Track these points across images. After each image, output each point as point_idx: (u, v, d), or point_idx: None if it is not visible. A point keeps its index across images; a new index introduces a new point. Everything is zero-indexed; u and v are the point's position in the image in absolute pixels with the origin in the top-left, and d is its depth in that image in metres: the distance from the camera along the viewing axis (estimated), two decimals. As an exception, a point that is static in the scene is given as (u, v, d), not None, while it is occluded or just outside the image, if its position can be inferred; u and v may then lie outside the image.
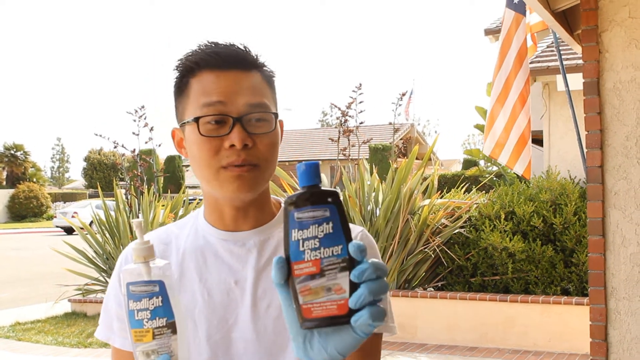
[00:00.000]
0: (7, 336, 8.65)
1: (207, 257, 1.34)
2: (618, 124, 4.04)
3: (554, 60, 9.08)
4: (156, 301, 1.08)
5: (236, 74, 1.28)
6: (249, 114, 1.26)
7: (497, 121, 6.04)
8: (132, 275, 1.09)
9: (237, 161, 1.24)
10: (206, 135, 1.25)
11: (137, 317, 1.08)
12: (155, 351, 1.09)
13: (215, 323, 1.29)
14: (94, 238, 9.98)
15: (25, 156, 50.68)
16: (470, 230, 7.96)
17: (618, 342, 4.05)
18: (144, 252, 1.09)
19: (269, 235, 1.35)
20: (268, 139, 1.27)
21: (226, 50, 1.29)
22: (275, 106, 1.34)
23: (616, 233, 4.06)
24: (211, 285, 1.32)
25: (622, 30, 4.02)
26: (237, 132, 1.24)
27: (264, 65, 1.33)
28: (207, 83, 1.27)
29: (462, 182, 9.86)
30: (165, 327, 1.09)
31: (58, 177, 77.41)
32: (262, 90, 1.30)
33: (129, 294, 1.08)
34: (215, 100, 1.26)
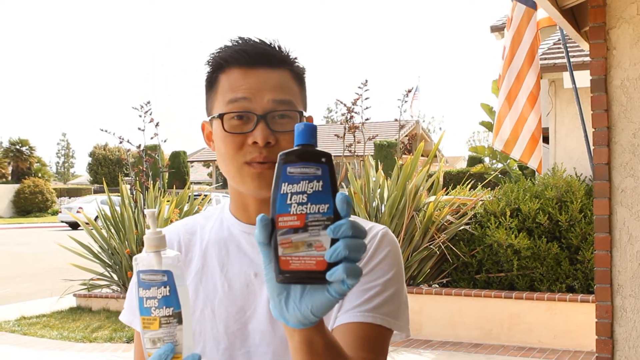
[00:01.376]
0: (12, 330, 8.67)
1: (229, 248, 1.36)
2: (625, 121, 4.03)
3: (561, 57, 9.05)
4: (164, 290, 1.10)
5: (263, 71, 1.29)
6: (273, 112, 1.26)
7: (509, 116, 6.01)
8: (143, 263, 1.11)
9: (259, 158, 1.25)
10: (230, 131, 1.27)
11: (146, 305, 1.10)
12: (161, 339, 1.10)
13: (233, 314, 1.30)
14: (99, 233, 9.99)
15: (30, 151, 50.79)
16: (475, 227, 7.95)
17: (624, 339, 4.05)
18: (156, 241, 1.11)
19: None
20: (291, 137, 1.26)
21: (254, 48, 1.30)
22: (303, 104, 1.35)
23: (622, 230, 4.05)
24: (232, 276, 1.33)
25: (630, 28, 4.01)
26: (260, 129, 1.25)
27: (294, 62, 1.34)
28: (234, 80, 1.29)
29: (467, 179, 9.85)
30: (172, 317, 1.10)
31: (63, 173, 77.56)
32: (289, 88, 1.31)
33: (140, 281, 1.10)
34: (240, 97, 1.27)
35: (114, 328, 8.52)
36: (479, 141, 62.35)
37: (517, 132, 5.97)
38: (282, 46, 1.33)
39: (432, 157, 8.46)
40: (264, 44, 1.31)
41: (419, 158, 8.47)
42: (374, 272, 1.31)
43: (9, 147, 50.28)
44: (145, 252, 1.11)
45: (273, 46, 1.31)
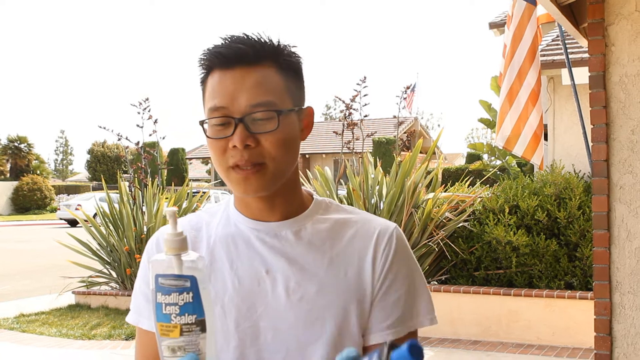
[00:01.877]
0: (11, 328, 8.67)
1: (238, 244, 1.35)
2: (624, 118, 4.03)
3: (559, 54, 9.05)
4: (186, 297, 1.04)
5: (240, 72, 1.28)
6: (250, 114, 1.26)
7: (510, 113, 6.00)
8: (162, 267, 1.05)
9: (241, 161, 1.25)
10: (212, 137, 1.28)
11: (165, 311, 1.04)
12: (182, 348, 1.04)
13: (244, 311, 1.29)
14: (97, 230, 9.99)
15: (29, 148, 50.75)
16: (474, 224, 7.95)
17: (622, 336, 4.05)
18: (177, 244, 1.05)
19: (301, 226, 1.36)
20: (273, 137, 1.27)
21: (229, 48, 1.28)
22: (292, 98, 1.32)
23: (621, 227, 4.05)
24: (242, 273, 1.32)
25: (629, 24, 4.01)
26: (238, 132, 1.25)
27: (281, 53, 1.32)
28: (214, 84, 1.29)
29: (466, 176, 9.86)
30: (195, 325, 1.04)
31: (62, 170, 77.47)
32: (269, 85, 1.28)
33: (158, 286, 1.04)
34: (218, 105, 1.27)
35: (112, 325, 8.52)
36: (478, 138, 62.40)
37: (519, 129, 5.96)
38: (264, 39, 1.30)
39: (430, 154, 8.46)
40: (241, 41, 1.29)
41: (417, 155, 8.47)
42: (393, 285, 1.34)
43: (7, 144, 50.23)
44: (165, 254, 1.05)
45: (253, 41, 1.29)
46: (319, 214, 1.39)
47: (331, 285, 1.30)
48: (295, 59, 1.35)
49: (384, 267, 1.33)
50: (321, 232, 1.36)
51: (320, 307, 1.29)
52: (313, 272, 1.31)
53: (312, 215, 1.37)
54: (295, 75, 1.34)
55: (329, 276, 1.31)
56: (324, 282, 1.30)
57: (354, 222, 1.38)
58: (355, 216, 1.40)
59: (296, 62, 1.35)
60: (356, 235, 1.36)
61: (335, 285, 1.30)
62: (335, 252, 1.34)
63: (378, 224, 1.38)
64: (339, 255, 1.33)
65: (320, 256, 1.33)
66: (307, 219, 1.37)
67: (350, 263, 1.33)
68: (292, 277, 1.30)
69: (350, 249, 1.34)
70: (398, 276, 1.34)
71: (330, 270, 1.32)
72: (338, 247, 1.34)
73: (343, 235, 1.36)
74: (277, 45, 1.31)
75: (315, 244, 1.34)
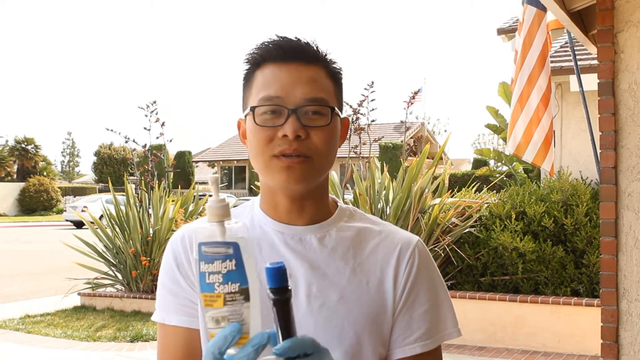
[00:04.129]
0: (16, 329, 8.68)
1: (262, 247, 1.34)
2: (633, 125, 4.02)
3: (568, 60, 9.04)
4: (229, 264, 1.02)
5: (297, 66, 1.30)
6: (304, 107, 1.27)
7: (520, 119, 5.99)
8: (205, 235, 1.03)
9: (289, 150, 1.25)
10: (261, 124, 1.28)
11: (208, 281, 1.02)
12: (226, 318, 1.02)
13: (265, 314, 1.25)
14: (103, 232, 10.01)
15: (35, 150, 50.86)
16: (480, 230, 7.94)
17: (629, 344, 4.04)
18: (220, 210, 1.03)
19: (326, 232, 1.36)
20: (323, 133, 1.28)
21: (288, 43, 1.31)
22: (338, 103, 1.35)
23: (629, 234, 4.04)
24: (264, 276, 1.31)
25: (638, 31, 4.00)
26: (290, 122, 1.25)
27: (330, 60, 1.35)
28: (268, 75, 1.30)
29: (472, 182, 9.84)
30: (238, 293, 1.02)
31: (68, 171, 77.65)
32: (323, 84, 1.31)
33: (201, 255, 1.02)
34: (273, 95, 1.28)
35: (118, 327, 8.53)
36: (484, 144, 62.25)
37: (530, 134, 5.94)
38: (317, 44, 1.34)
39: (437, 159, 8.45)
40: (298, 40, 1.32)
41: (424, 160, 8.46)
42: (417, 299, 1.35)
43: (15, 145, 50.35)
44: (208, 222, 1.03)
45: (307, 43, 1.33)
46: (343, 221, 1.39)
47: (352, 295, 1.30)
48: (338, 68, 1.38)
49: (407, 281, 1.34)
50: (345, 240, 1.35)
51: (340, 316, 1.28)
52: (335, 280, 1.31)
53: (337, 222, 1.38)
54: (339, 82, 1.38)
55: (351, 285, 1.31)
56: (345, 290, 1.30)
57: (377, 233, 1.38)
58: (378, 227, 1.40)
59: (339, 72, 1.38)
60: (379, 246, 1.36)
61: (356, 295, 1.30)
62: (357, 261, 1.34)
63: (401, 236, 1.39)
64: (361, 265, 1.33)
65: (343, 264, 1.33)
66: (332, 226, 1.37)
67: (372, 274, 1.33)
68: (314, 284, 1.30)
69: (372, 260, 1.34)
70: (422, 290, 1.35)
71: (352, 279, 1.32)
72: (361, 256, 1.34)
73: (366, 245, 1.36)
74: (324, 52, 1.35)
75: (339, 252, 1.34)
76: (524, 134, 5.96)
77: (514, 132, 6.02)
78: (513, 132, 6.03)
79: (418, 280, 1.35)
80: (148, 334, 8.13)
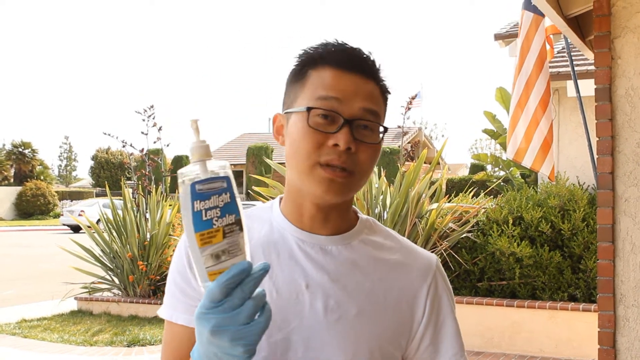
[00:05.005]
0: (13, 333, 8.67)
1: (280, 253, 1.31)
2: (629, 131, 4.03)
3: (565, 66, 9.07)
4: (225, 197, 1.05)
5: (356, 78, 1.26)
6: (360, 119, 1.24)
7: (519, 124, 5.99)
8: (196, 174, 1.05)
9: (336, 161, 1.22)
10: (314, 127, 1.23)
11: (206, 217, 1.03)
12: (227, 251, 1.04)
13: (278, 322, 1.25)
14: (101, 237, 10.00)
15: (32, 154, 50.85)
16: (477, 235, 7.95)
17: (626, 349, 4.04)
18: (205, 149, 1.06)
19: (347, 244, 1.33)
20: (370, 150, 1.26)
21: (353, 52, 1.28)
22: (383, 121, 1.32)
23: (626, 240, 4.04)
24: (281, 283, 1.28)
25: (635, 37, 4.01)
26: (344, 133, 1.22)
27: (382, 78, 1.32)
28: (327, 78, 1.26)
29: (469, 187, 9.85)
30: (234, 224, 1.05)
31: (65, 176, 77.54)
32: (378, 101, 1.28)
33: (195, 194, 1.03)
34: (332, 96, 1.24)
35: (114, 332, 8.52)
36: (482, 149, 62.31)
37: (529, 139, 5.94)
38: (375, 60, 1.30)
39: (434, 164, 8.45)
40: (359, 51, 1.29)
41: (421, 165, 8.47)
42: (443, 321, 1.36)
43: (12, 149, 50.34)
44: (192, 164, 1.06)
45: (368, 56, 1.29)
46: (364, 233, 1.36)
47: (370, 311, 1.28)
48: (389, 89, 1.34)
49: (429, 303, 1.34)
50: (366, 253, 1.33)
51: (356, 331, 1.26)
52: (354, 294, 1.28)
53: (359, 234, 1.35)
54: (386, 102, 1.34)
55: (369, 301, 1.29)
56: (363, 306, 1.28)
57: (397, 249, 1.37)
58: (398, 243, 1.39)
59: (389, 92, 1.34)
60: (399, 264, 1.35)
61: (374, 312, 1.29)
62: (377, 277, 1.32)
63: (422, 256, 1.39)
64: (381, 281, 1.32)
65: (363, 278, 1.30)
66: (354, 238, 1.34)
67: (391, 291, 1.32)
68: (333, 296, 1.27)
69: (392, 277, 1.33)
70: (445, 312, 1.36)
71: (371, 295, 1.30)
72: (380, 272, 1.32)
73: (386, 261, 1.34)
74: (379, 69, 1.31)
75: (359, 265, 1.31)
76: (524, 139, 5.97)
77: (514, 137, 6.03)
78: (512, 137, 6.04)
79: (441, 302, 1.35)
80: (145, 338, 8.11)
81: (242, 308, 1.02)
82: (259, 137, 44.44)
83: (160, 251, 9.66)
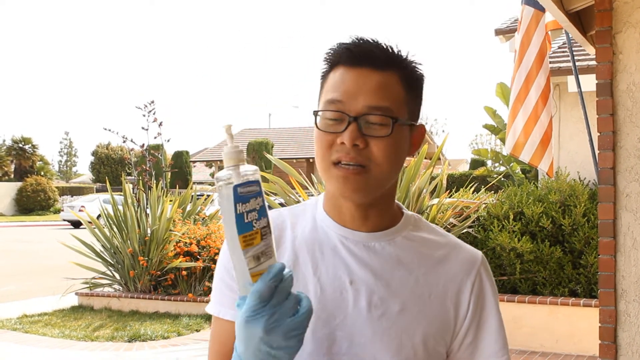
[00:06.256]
0: (14, 328, 8.68)
1: (324, 251, 1.32)
2: (631, 126, 4.03)
3: (566, 61, 9.05)
4: (260, 201, 1.08)
5: (365, 72, 1.26)
6: (365, 115, 1.24)
7: (517, 119, 5.98)
8: (236, 178, 1.07)
9: (345, 158, 1.24)
10: (322, 129, 1.27)
11: (247, 220, 1.07)
12: (264, 253, 1.09)
13: (323, 318, 1.27)
14: (101, 232, 10.00)
15: (33, 149, 50.83)
16: (478, 230, 7.95)
17: (627, 344, 4.04)
18: (240, 154, 1.09)
19: (391, 240, 1.33)
20: (382, 143, 1.25)
21: (359, 47, 1.28)
22: (409, 110, 1.31)
23: (627, 235, 4.04)
24: (325, 280, 1.29)
25: (637, 32, 4.00)
26: (350, 130, 1.23)
27: (407, 65, 1.31)
28: (337, 79, 1.28)
29: (470, 182, 9.84)
30: (267, 227, 1.09)
31: (65, 171, 77.61)
32: (390, 92, 1.27)
33: (237, 197, 1.06)
34: (336, 99, 1.26)
35: (115, 327, 8.52)
36: (482, 144, 62.28)
37: (528, 133, 5.92)
38: (394, 47, 1.29)
39: (435, 159, 8.44)
40: (371, 43, 1.28)
41: (422, 160, 8.46)
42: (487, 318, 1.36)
43: (12, 145, 50.32)
44: (230, 168, 1.08)
45: (382, 46, 1.28)
46: (408, 229, 1.36)
47: (414, 307, 1.29)
48: (419, 73, 1.33)
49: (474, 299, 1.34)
50: (410, 249, 1.33)
51: (399, 328, 1.27)
52: (398, 290, 1.29)
53: (402, 230, 1.35)
54: (416, 89, 1.33)
55: (414, 297, 1.29)
56: (407, 302, 1.29)
57: (442, 245, 1.37)
58: (444, 238, 1.38)
59: (419, 77, 1.33)
60: (444, 260, 1.35)
61: (418, 308, 1.29)
62: (422, 272, 1.32)
63: (467, 252, 1.37)
64: (425, 277, 1.32)
65: (407, 274, 1.31)
66: (397, 234, 1.34)
67: (435, 287, 1.32)
68: (376, 292, 1.28)
69: (436, 273, 1.33)
70: (489, 308, 1.36)
71: (415, 291, 1.30)
72: (425, 268, 1.32)
73: (431, 256, 1.34)
74: (404, 56, 1.30)
75: (403, 261, 1.32)
76: (522, 134, 5.95)
77: (512, 132, 6.02)
78: (511, 132, 6.02)
79: (485, 299, 1.35)
80: (146, 334, 8.12)
81: (287, 302, 1.09)
82: (259, 133, 44.44)
83: (161, 246, 9.66)
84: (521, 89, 5.91)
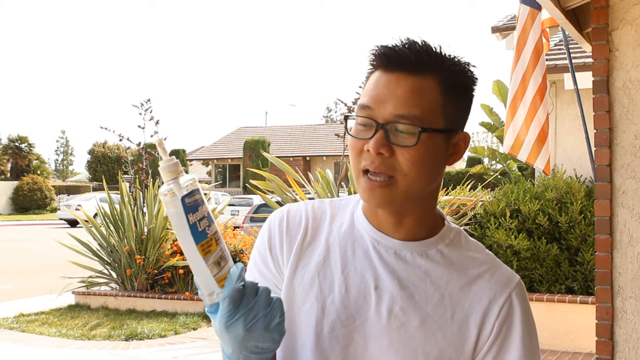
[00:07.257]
0: (11, 327, 8.66)
1: (356, 251, 1.30)
2: (627, 123, 4.03)
3: (562, 58, 9.05)
4: (205, 208, 1.09)
5: (400, 77, 1.21)
6: (392, 123, 1.20)
7: (516, 118, 5.97)
8: (179, 190, 1.07)
9: (371, 166, 1.20)
10: (353, 135, 1.24)
11: (201, 228, 1.07)
12: (222, 257, 1.10)
13: (343, 318, 1.25)
14: (98, 231, 9.99)
15: (29, 148, 50.75)
16: (475, 228, 7.95)
17: (624, 341, 4.04)
18: (176, 166, 1.09)
19: (423, 252, 1.29)
20: (409, 153, 1.19)
21: (393, 51, 1.22)
22: (446, 117, 1.24)
23: (623, 232, 4.05)
24: (351, 280, 1.27)
25: (633, 29, 4.01)
26: (376, 138, 1.19)
27: (449, 69, 1.24)
28: (372, 83, 1.24)
29: (467, 180, 9.86)
30: (217, 232, 1.10)
31: (62, 170, 77.43)
32: (422, 99, 1.20)
33: (186, 207, 1.06)
34: (366, 104, 1.22)
35: (112, 326, 8.52)
36: (479, 142, 62.36)
37: (526, 131, 5.92)
38: (436, 48, 1.23)
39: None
40: (408, 45, 1.22)
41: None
42: (509, 348, 1.26)
43: (8, 143, 50.23)
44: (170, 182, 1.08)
45: (418, 48, 1.22)
46: (444, 243, 1.31)
47: (434, 324, 1.24)
48: (464, 77, 1.26)
49: (499, 325, 1.25)
50: (441, 264, 1.28)
51: (416, 342, 1.23)
52: (421, 304, 1.25)
53: (437, 244, 1.30)
54: (458, 94, 1.26)
55: (435, 314, 1.24)
56: (428, 317, 1.24)
57: (479, 263, 1.30)
58: (481, 256, 1.32)
59: (464, 81, 1.27)
60: (477, 278, 1.28)
61: (438, 325, 1.24)
62: (448, 290, 1.26)
63: (503, 274, 1.30)
64: (451, 295, 1.26)
65: (432, 289, 1.26)
66: (431, 246, 1.30)
67: (460, 307, 1.26)
68: (399, 302, 1.24)
69: (464, 292, 1.27)
70: (513, 337, 1.25)
71: (438, 307, 1.25)
72: (453, 286, 1.27)
73: (462, 275, 1.28)
74: (445, 57, 1.24)
75: (432, 276, 1.27)
76: (520, 132, 5.94)
77: (510, 130, 6.01)
78: (510, 130, 6.02)
79: (512, 326, 1.26)
80: (143, 332, 8.12)
81: (258, 296, 1.11)
82: (255, 131, 44.42)
83: (158, 245, 9.65)
84: (518, 88, 5.91)
